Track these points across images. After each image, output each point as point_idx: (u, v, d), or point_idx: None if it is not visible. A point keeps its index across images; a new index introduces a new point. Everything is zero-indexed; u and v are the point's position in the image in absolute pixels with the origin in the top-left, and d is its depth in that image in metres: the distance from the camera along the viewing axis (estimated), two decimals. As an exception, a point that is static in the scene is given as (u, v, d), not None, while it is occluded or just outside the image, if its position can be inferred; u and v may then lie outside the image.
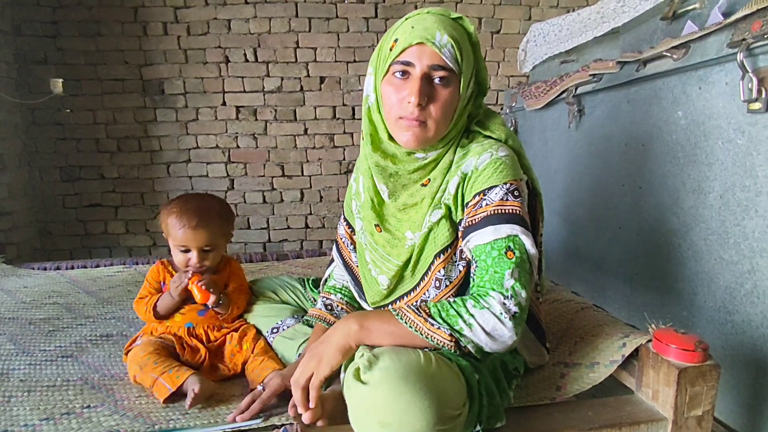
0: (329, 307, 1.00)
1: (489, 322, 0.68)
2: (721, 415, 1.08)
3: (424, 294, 0.85)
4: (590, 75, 1.52)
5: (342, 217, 1.05)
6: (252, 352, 1.00)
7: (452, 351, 0.70)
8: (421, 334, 0.69)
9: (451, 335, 0.69)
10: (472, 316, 0.69)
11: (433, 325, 0.69)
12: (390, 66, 0.77)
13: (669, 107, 1.24)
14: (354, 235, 1.00)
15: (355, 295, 1.01)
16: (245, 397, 0.83)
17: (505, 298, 0.69)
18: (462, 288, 0.83)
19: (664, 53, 1.18)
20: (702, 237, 1.15)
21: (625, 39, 1.53)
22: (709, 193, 1.12)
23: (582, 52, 1.80)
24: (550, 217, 1.95)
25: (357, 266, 0.99)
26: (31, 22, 2.48)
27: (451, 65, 0.75)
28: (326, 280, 1.10)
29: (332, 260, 1.09)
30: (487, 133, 0.84)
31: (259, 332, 1.06)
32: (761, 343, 0.99)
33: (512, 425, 0.74)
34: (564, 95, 1.71)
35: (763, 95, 0.94)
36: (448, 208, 0.81)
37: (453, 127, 0.81)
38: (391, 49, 0.77)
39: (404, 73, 0.76)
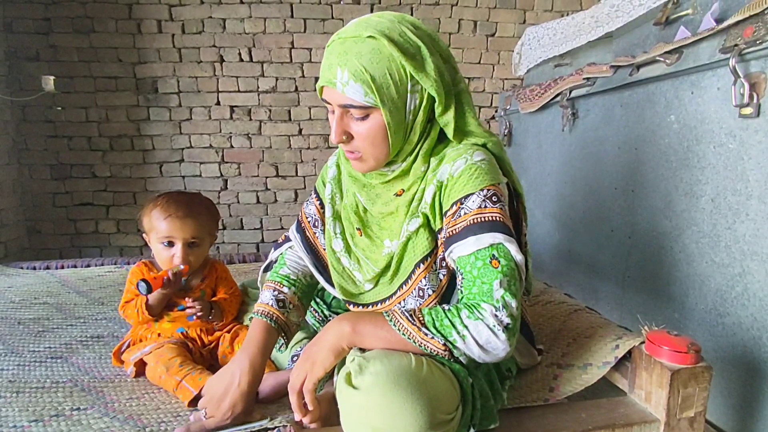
0: (281, 303, 0.88)
1: (483, 335, 0.66)
2: (712, 416, 1.09)
3: (401, 303, 0.83)
4: (584, 79, 1.53)
5: (313, 194, 0.97)
6: None
7: (446, 359, 0.69)
8: (414, 342, 0.67)
9: (444, 345, 0.67)
10: (466, 327, 0.66)
11: (426, 334, 0.67)
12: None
13: (662, 111, 1.26)
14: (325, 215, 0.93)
15: (320, 280, 0.94)
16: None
17: (496, 310, 0.66)
18: (445, 296, 0.82)
19: (657, 58, 1.19)
20: (694, 240, 1.16)
21: (619, 43, 1.55)
22: (701, 197, 1.13)
23: (576, 55, 1.82)
24: (543, 220, 1.96)
25: (324, 250, 0.93)
26: (23, 19, 2.45)
27: (359, 102, 0.71)
28: (274, 263, 0.99)
29: (284, 240, 0.99)
30: (465, 141, 0.79)
31: None
32: (752, 345, 1.00)
33: (505, 426, 0.74)
34: (558, 98, 1.72)
35: (755, 100, 0.95)
36: (426, 217, 0.79)
37: (406, 143, 0.77)
38: (318, 82, 0.76)
39: (330, 110, 0.76)
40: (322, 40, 2.63)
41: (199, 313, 0.99)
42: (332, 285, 0.92)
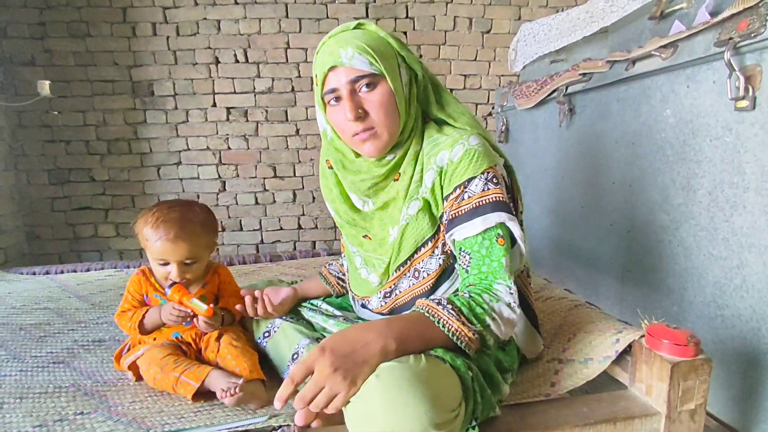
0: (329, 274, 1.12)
1: (505, 313, 0.73)
2: (713, 408, 1.09)
3: (395, 284, 0.88)
4: (580, 74, 1.53)
5: None
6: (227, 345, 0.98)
7: (471, 350, 0.70)
8: (460, 341, 0.69)
9: (477, 334, 0.70)
10: (493, 310, 0.72)
11: (470, 329, 0.69)
12: (323, 98, 0.83)
13: (658, 106, 1.26)
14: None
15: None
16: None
17: (509, 288, 0.74)
18: (439, 280, 0.85)
19: (653, 52, 1.19)
20: (691, 233, 1.16)
21: (614, 38, 1.55)
22: (698, 190, 1.14)
23: (571, 51, 1.82)
24: (541, 215, 1.96)
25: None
26: (18, 24, 2.45)
27: (367, 70, 0.78)
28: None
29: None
30: (450, 121, 0.86)
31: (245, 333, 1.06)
32: (751, 336, 1.01)
33: (507, 422, 0.74)
34: (554, 94, 1.72)
35: (750, 93, 0.95)
36: (427, 202, 0.83)
37: (408, 119, 0.84)
38: (317, 84, 0.83)
39: (336, 98, 0.81)
40: (317, 39, 2.63)
41: (211, 328, 0.99)
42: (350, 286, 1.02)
